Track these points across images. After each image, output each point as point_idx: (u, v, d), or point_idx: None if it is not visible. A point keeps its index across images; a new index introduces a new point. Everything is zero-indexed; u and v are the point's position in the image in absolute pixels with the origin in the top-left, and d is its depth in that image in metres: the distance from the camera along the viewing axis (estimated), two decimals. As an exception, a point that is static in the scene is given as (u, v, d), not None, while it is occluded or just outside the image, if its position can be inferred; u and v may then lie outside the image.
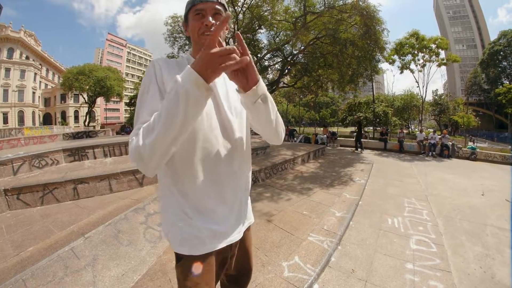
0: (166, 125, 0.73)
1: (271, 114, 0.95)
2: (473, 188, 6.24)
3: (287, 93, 34.29)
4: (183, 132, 0.77)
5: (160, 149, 0.76)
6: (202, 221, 0.95)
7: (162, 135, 0.74)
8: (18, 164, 4.88)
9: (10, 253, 2.61)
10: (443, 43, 20.32)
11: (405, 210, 4.55)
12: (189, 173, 0.94)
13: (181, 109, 0.72)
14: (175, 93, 0.72)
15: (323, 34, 14.25)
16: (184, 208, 0.95)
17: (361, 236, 3.49)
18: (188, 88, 0.70)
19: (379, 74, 17.40)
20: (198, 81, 0.71)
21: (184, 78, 0.72)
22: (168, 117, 0.73)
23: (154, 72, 0.95)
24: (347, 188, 5.65)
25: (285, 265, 2.65)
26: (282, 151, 9.02)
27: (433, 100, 38.40)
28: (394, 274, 2.64)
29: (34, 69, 42.91)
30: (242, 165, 1.06)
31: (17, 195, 3.88)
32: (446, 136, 12.53)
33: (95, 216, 3.35)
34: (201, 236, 0.95)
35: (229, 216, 1.01)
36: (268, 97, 0.91)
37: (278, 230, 3.48)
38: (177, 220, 0.96)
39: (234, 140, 1.02)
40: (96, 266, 2.43)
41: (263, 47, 18.10)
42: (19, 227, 3.23)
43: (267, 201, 4.69)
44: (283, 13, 15.79)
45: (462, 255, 3.08)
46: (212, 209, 0.97)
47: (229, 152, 1.00)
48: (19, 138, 9.12)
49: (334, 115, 50.45)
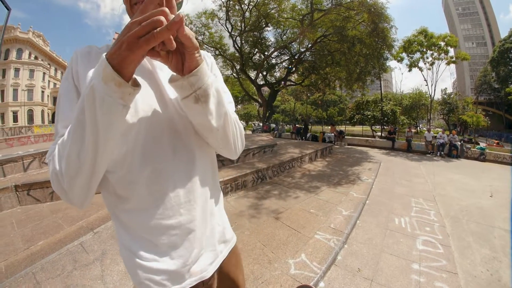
0: (74, 143, 0.53)
1: (211, 120, 0.65)
2: (482, 189, 6.15)
3: (295, 91, 34.13)
4: (99, 152, 0.54)
5: (78, 177, 0.56)
6: (156, 262, 0.69)
7: (74, 158, 0.54)
8: (28, 161, 4.97)
9: (20, 247, 2.68)
10: (452, 41, 19.93)
11: (412, 210, 4.51)
12: (132, 198, 0.68)
13: (87, 118, 0.50)
14: (82, 96, 0.50)
15: (331, 32, 14.19)
16: (129, 245, 0.70)
17: (367, 235, 3.47)
18: (94, 84, 0.48)
19: (387, 72, 17.23)
20: (107, 71, 0.47)
21: (94, 72, 0.49)
22: (76, 131, 0.52)
23: (71, 67, 0.69)
24: (355, 187, 5.64)
25: (292, 263, 2.66)
26: (289, 149, 9.01)
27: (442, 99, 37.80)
28: (400, 274, 2.63)
29: (43, 69, 43.69)
30: (205, 178, 0.79)
31: (28, 191, 3.95)
32: (455, 137, 12.35)
33: (104, 211, 3.41)
34: (158, 279, 0.69)
35: (194, 250, 0.73)
36: (209, 95, 0.61)
37: (285, 228, 3.50)
38: (127, 257, 0.72)
39: (191, 145, 0.74)
40: (104, 261, 2.48)
41: (270, 45, 18.07)
42: (29, 222, 3.30)
43: (275, 199, 4.71)
44: (290, 10, 15.76)
45: (469, 257, 3.05)
46: (167, 243, 0.70)
47: (186, 163, 0.73)
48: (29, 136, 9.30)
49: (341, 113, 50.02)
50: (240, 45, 16.92)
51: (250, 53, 18.17)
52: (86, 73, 0.63)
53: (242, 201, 4.54)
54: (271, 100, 19.29)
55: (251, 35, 16.87)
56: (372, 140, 16.02)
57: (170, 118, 0.71)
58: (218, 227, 0.85)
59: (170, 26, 0.45)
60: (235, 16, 16.10)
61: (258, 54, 18.64)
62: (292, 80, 20.84)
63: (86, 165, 0.54)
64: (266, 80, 19.92)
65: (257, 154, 7.16)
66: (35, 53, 43.50)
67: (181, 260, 0.71)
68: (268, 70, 19.51)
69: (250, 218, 3.83)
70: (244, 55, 17.32)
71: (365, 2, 11.87)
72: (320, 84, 19.26)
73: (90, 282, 2.21)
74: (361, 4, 11.92)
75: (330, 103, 49.39)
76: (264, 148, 7.55)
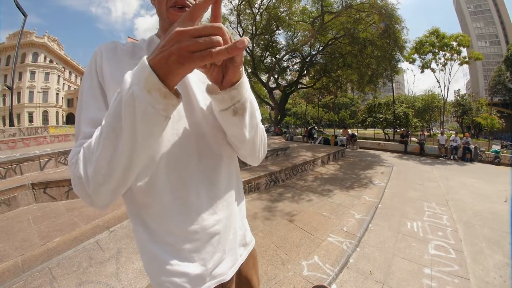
0: (105, 150, 0.49)
1: (244, 131, 0.65)
2: (496, 194, 6.00)
3: (306, 94, 34.11)
4: (133, 161, 0.51)
5: (107, 185, 0.53)
6: (178, 266, 0.68)
7: (105, 165, 0.50)
8: (45, 160, 5.14)
9: (37, 243, 2.77)
10: (464, 40, 19.59)
11: (424, 214, 4.45)
12: (155, 203, 0.67)
13: (124, 126, 0.46)
14: (118, 102, 0.46)
15: (342, 34, 14.21)
16: (151, 247, 0.69)
17: (380, 239, 3.45)
18: (135, 92, 0.44)
19: (399, 74, 17.05)
20: (150, 80, 0.43)
21: (134, 77, 0.45)
22: (108, 137, 0.48)
23: (95, 63, 0.67)
24: (367, 190, 5.61)
25: (305, 264, 2.68)
26: (302, 152, 9.03)
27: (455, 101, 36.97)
28: (412, 278, 2.60)
29: (58, 72, 45.20)
30: (230, 184, 0.79)
31: (44, 189, 4.08)
32: (468, 139, 12.08)
33: (119, 211, 3.49)
34: (179, 282, 0.68)
35: (216, 254, 0.74)
36: (246, 108, 0.61)
37: (299, 230, 3.52)
38: (148, 258, 0.71)
39: (217, 151, 0.74)
40: (119, 259, 2.55)
41: (282, 48, 18.20)
42: (45, 219, 3.41)
43: (288, 202, 4.73)
44: (300, 13, 15.85)
45: (481, 263, 2.98)
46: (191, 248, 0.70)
47: (211, 169, 0.73)
48: (44, 136, 9.51)
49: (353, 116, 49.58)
50: (251, 49, 17.07)
51: (262, 56, 18.33)
52: (111, 70, 0.65)
53: (255, 203, 4.58)
54: (282, 103, 19.34)
55: (262, 38, 17.02)
56: (384, 144, 15.86)
57: (197, 123, 0.70)
58: (239, 231, 0.85)
59: (231, 51, 0.42)
60: (246, 20, 16.27)
61: (269, 57, 18.80)
62: (303, 83, 20.84)
63: (116, 173, 0.51)
64: (278, 83, 19.99)
65: (270, 157, 7.20)
66: (50, 57, 45.02)
67: (203, 264, 0.71)
68: (279, 73, 19.62)
69: (264, 220, 3.87)
70: (256, 58, 17.48)
71: (375, 4, 11.82)
72: (332, 86, 19.28)
73: (105, 279, 2.26)
74: (371, 6, 11.89)
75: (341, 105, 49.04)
76: (277, 151, 7.59)
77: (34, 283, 2.15)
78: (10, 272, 2.25)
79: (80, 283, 2.20)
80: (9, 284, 2.11)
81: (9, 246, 2.71)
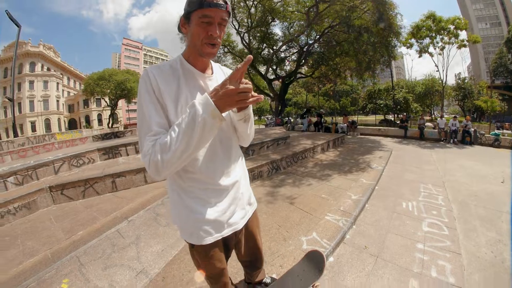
0: (182, 146, 0.83)
1: (248, 129, 1.14)
2: (493, 175, 6.09)
3: (306, 83, 33.82)
4: (196, 152, 0.91)
5: (175, 165, 0.88)
6: (207, 214, 1.06)
7: (179, 154, 0.85)
8: (58, 164, 5.38)
9: (62, 237, 3.04)
10: (461, 24, 19.38)
11: (420, 195, 4.62)
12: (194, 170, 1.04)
13: (197, 134, 0.83)
14: (192, 119, 0.83)
15: (337, 22, 14.15)
16: (188, 203, 1.06)
17: (375, 218, 3.66)
18: (205, 117, 0.82)
19: (396, 59, 17.00)
20: (215, 113, 0.82)
21: (203, 108, 0.82)
22: (184, 139, 0.83)
23: (150, 84, 0.96)
24: (364, 174, 5.75)
25: (304, 240, 2.91)
26: (302, 140, 9.17)
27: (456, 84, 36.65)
28: (405, 252, 2.80)
29: (56, 79, 45.28)
30: (238, 159, 1.22)
31: (61, 190, 4.31)
32: (468, 123, 12.13)
33: (134, 203, 3.77)
34: (207, 228, 1.07)
35: (231, 206, 1.14)
36: (250, 118, 1.10)
37: (299, 211, 3.75)
38: (184, 214, 1.08)
39: (230, 138, 1.16)
40: (139, 244, 2.82)
41: (278, 39, 18.13)
42: (66, 217, 3.66)
43: (289, 187, 4.93)
44: (295, 3, 15.75)
45: (474, 239, 3.11)
46: (215, 201, 1.09)
47: (227, 148, 1.14)
48: (52, 142, 9.70)
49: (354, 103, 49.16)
50: (248, 41, 17.06)
51: (259, 48, 18.28)
52: (165, 87, 0.97)
53: (259, 189, 4.78)
54: (282, 93, 19.34)
55: (259, 30, 16.96)
56: (384, 129, 15.92)
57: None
58: (246, 192, 1.26)
59: (253, 102, 0.88)
60: (240, 13, 16.24)
61: (266, 49, 18.73)
62: (302, 72, 20.81)
63: (185, 158, 0.88)
64: (276, 74, 19.92)
65: (271, 147, 7.39)
66: (47, 65, 44.97)
67: (223, 213, 1.10)
68: (277, 64, 19.55)
69: (267, 203, 4.09)
70: (253, 50, 17.45)
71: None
72: (331, 74, 19.17)
73: (128, 262, 2.53)
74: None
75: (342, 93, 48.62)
76: (278, 140, 7.78)
77: (64, 270, 2.40)
78: (42, 264, 2.49)
79: (105, 267, 2.46)
80: (42, 273, 2.33)
81: (36, 243, 2.95)
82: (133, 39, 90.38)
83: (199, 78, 1.07)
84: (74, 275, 2.34)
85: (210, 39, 0.94)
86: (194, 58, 1.05)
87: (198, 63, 1.06)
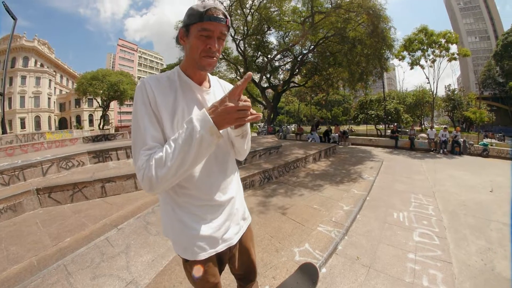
0: (178, 162, 0.81)
1: (245, 145, 1.14)
2: (482, 184, 6.24)
3: (298, 92, 34.18)
4: (192, 168, 0.88)
5: (170, 181, 0.85)
6: (201, 230, 1.03)
7: (174, 171, 0.82)
8: (47, 166, 5.24)
9: (48, 244, 2.93)
10: (452, 37, 20.10)
11: (411, 205, 4.67)
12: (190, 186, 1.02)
13: (194, 151, 0.81)
14: (190, 136, 0.81)
15: (332, 33, 14.36)
16: (183, 219, 1.03)
17: (366, 228, 3.69)
18: (203, 134, 0.80)
19: (388, 71, 17.36)
20: (213, 130, 0.81)
21: (201, 125, 0.81)
22: (180, 155, 0.81)
23: (147, 96, 0.95)
24: (356, 184, 5.79)
25: (296, 251, 2.90)
26: (294, 150, 9.20)
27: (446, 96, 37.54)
28: (396, 262, 2.83)
29: (49, 76, 44.60)
30: (233, 173, 1.19)
31: (49, 193, 4.19)
32: (458, 133, 12.42)
33: (124, 210, 3.70)
34: (201, 244, 1.04)
35: (226, 222, 1.11)
36: (248, 134, 1.10)
37: (291, 222, 3.74)
38: (178, 228, 1.05)
39: (226, 153, 1.14)
40: (129, 253, 2.75)
41: (273, 48, 18.33)
42: (53, 222, 3.54)
43: (281, 197, 4.92)
44: (291, 13, 15.99)
45: (464, 248, 3.18)
46: (211, 217, 1.06)
47: (222, 164, 1.12)
48: (42, 142, 9.46)
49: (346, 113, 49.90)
50: (243, 49, 17.16)
51: (254, 56, 18.45)
52: (161, 100, 0.96)
53: (251, 199, 4.76)
54: (275, 102, 19.47)
55: (254, 38, 17.10)
56: (375, 139, 16.12)
57: None
58: (241, 207, 1.24)
59: (252, 120, 0.86)
60: (237, 20, 16.33)
61: (261, 57, 18.89)
62: (295, 81, 21.01)
63: (180, 174, 0.85)
64: (270, 82, 20.06)
65: (263, 156, 7.38)
66: (41, 61, 44.33)
67: (218, 230, 1.08)
68: (271, 73, 19.71)
69: (259, 214, 4.07)
70: (248, 58, 17.57)
71: (364, 4, 12.04)
72: (323, 84, 19.43)
73: (117, 272, 2.46)
74: (360, 6, 12.10)
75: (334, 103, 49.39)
76: (270, 149, 7.77)
77: (51, 279, 2.31)
78: (27, 272, 2.38)
79: (94, 276, 2.39)
80: (27, 282, 2.23)
81: (22, 249, 2.84)
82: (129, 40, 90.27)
83: (196, 91, 1.06)
84: (61, 285, 2.26)
85: (208, 52, 0.95)
86: (191, 70, 1.05)
87: (195, 75, 1.06)
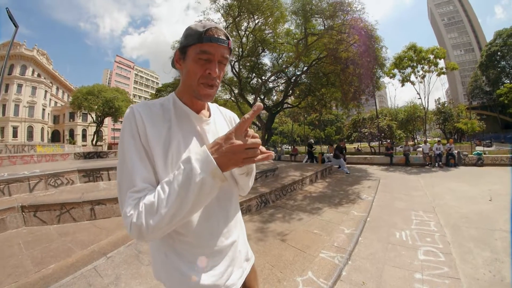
0: (173, 210, 0.67)
1: (249, 182, 1.02)
2: (481, 194, 6.26)
3: (292, 113, 34.41)
4: (190, 216, 0.74)
5: (163, 230, 0.70)
6: (202, 279, 0.87)
7: (168, 219, 0.68)
8: (34, 182, 5.03)
9: (31, 269, 2.71)
10: (440, 53, 20.75)
11: (412, 223, 4.59)
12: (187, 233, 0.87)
13: (192, 197, 0.67)
14: (187, 179, 0.67)
15: (325, 55, 14.64)
16: (180, 267, 0.87)
17: (370, 251, 3.55)
18: (204, 177, 0.66)
19: (380, 89, 17.72)
20: (216, 172, 0.67)
21: (202, 166, 0.67)
22: (176, 201, 0.67)
23: (136, 125, 0.81)
24: (355, 205, 5.68)
25: (300, 280, 2.74)
26: (290, 172, 9.10)
27: (436, 109, 38.39)
28: (403, 284, 2.70)
29: (45, 87, 44.61)
30: (236, 214, 1.04)
31: (34, 212, 4.00)
32: (451, 146, 12.59)
33: (114, 237, 3.49)
34: None
35: (229, 268, 0.95)
36: (253, 171, 1.00)
37: (291, 249, 3.56)
38: (174, 275, 0.88)
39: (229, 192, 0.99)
40: (119, 285, 2.54)
41: (267, 70, 18.56)
42: (37, 244, 3.33)
43: (280, 222, 4.74)
44: (285, 35, 16.31)
45: (470, 262, 3.11)
46: (212, 265, 0.90)
47: (225, 206, 0.97)
48: (31, 155, 9.17)
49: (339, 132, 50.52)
50: (238, 70, 17.30)
51: (248, 77, 18.61)
52: (153, 132, 0.81)
53: (248, 225, 4.57)
54: (269, 123, 19.52)
55: (249, 60, 17.32)
56: (370, 157, 16.22)
57: None
58: (243, 249, 1.08)
59: (261, 160, 0.70)
60: (233, 42, 16.49)
61: (255, 78, 19.08)
62: (289, 102, 21.17)
63: (175, 223, 0.70)
64: (264, 103, 20.27)
65: (259, 179, 7.26)
66: (38, 71, 44.43)
67: (220, 277, 0.92)
68: (265, 94, 19.87)
69: (257, 241, 3.89)
70: (242, 79, 17.70)
71: (355, 25, 12.38)
72: (317, 105, 19.63)
73: (106, 305, 2.28)
74: (352, 27, 12.42)
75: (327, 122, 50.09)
76: (266, 172, 7.65)
77: None
78: None
79: (80, 310, 2.19)
80: None
81: (1, 273, 2.64)
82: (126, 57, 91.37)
83: (194, 121, 0.93)
84: (42, 321, 2.06)
85: (207, 79, 0.83)
86: (188, 98, 0.93)
87: (193, 104, 0.94)
